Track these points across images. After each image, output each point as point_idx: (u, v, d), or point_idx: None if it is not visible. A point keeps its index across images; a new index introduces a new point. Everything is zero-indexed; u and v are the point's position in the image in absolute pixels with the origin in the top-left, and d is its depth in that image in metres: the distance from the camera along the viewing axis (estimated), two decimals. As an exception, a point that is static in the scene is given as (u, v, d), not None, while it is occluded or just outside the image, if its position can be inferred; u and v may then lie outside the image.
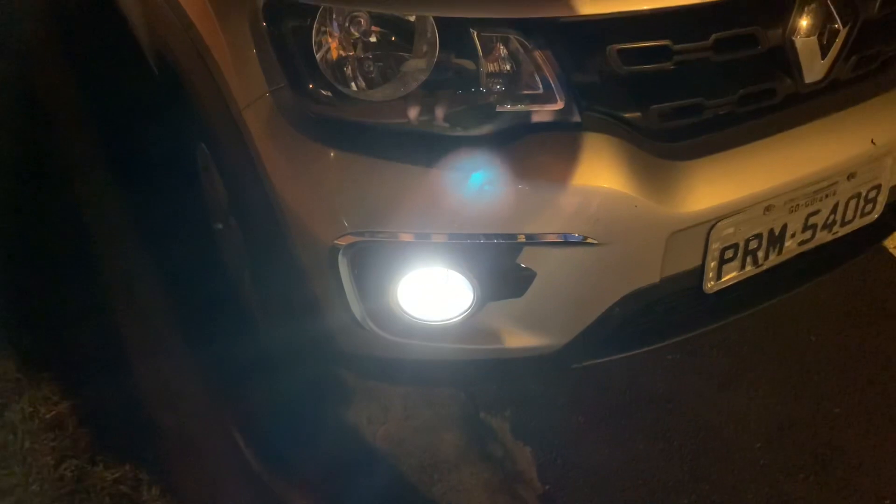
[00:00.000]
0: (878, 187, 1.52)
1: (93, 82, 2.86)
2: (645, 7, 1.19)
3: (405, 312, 1.32)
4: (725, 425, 1.76)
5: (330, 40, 1.23)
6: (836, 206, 1.48)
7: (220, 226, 1.83)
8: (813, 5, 1.29)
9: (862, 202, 1.52)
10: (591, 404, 1.79)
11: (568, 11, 1.18)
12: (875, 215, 1.56)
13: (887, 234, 1.69)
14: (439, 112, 1.24)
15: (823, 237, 1.51)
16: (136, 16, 2.08)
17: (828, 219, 1.49)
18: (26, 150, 2.56)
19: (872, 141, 1.43)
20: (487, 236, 1.25)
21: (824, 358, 1.89)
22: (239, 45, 1.28)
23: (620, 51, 1.22)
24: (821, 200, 1.45)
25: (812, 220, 1.47)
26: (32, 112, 2.77)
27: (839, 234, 1.54)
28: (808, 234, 1.48)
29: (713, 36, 1.25)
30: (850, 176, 1.45)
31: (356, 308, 1.33)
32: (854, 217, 1.53)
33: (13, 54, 3.01)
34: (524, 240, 1.26)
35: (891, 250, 2.22)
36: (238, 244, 1.63)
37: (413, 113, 1.24)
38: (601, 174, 1.24)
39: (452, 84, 1.24)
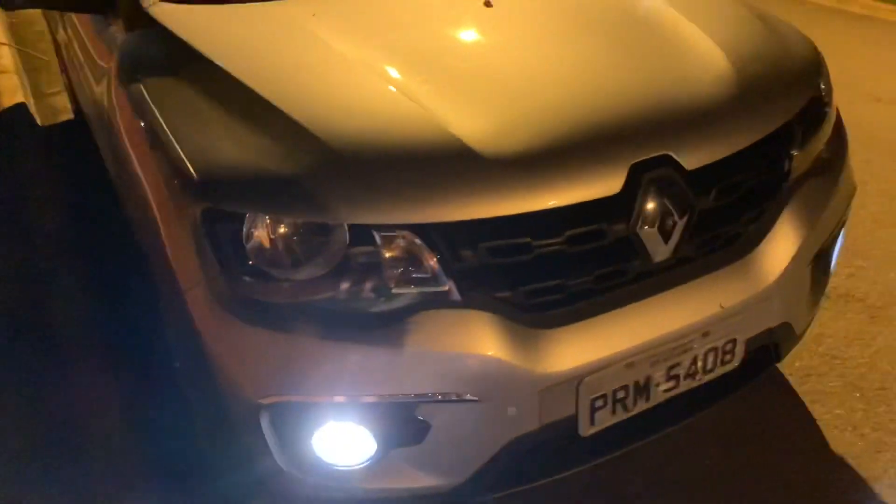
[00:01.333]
0: (733, 341, 1.77)
1: (83, 219, 3.19)
2: (502, 213, 1.48)
3: (320, 459, 1.57)
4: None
5: (257, 235, 1.51)
6: (695, 359, 1.73)
7: (177, 364, 2.08)
8: (653, 203, 1.58)
9: (720, 354, 1.77)
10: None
11: (444, 218, 1.47)
12: (735, 363, 1.81)
13: (752, 377, 1.92)
14: (348, 292, 1.51)
15: (688, 384, 1.76)
16: (117, 183, 2.37)
17: (689, 369, 1.73)
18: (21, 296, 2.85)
19: (721, 305, 1.70)
20: (385, 397, 1.50)
21: (715, 484, 2.11)
22: (182, 239, 1.56)
23: (489, 247, 1.50)
24: (679, 355, 1.70)
25: (674, 372, 1.71)
26: (29, 258, 3.08)
27: (704, 381, 1.79)
28: (672, 383, 1.73)
29: (566, 233, 1.54)
30: (705, 334, 1.71)
31: (278, 456, 1.57)
32: (715, 366, 1.78)
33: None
34: (417, 399, 1.51)
35: (786, 377, 2.48)
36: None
37: (326, 293, 1.51)
38: (479, 343, 1.50)
39: (359, 270, 1.51)
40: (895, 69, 5.48)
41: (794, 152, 1.86)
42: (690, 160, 1.62)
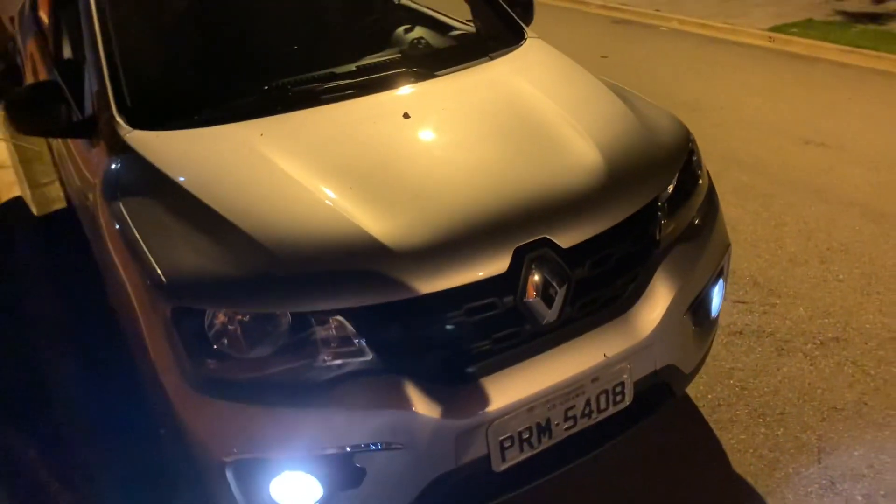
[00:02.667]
0: (622, 384, 2.13)
1: (78, 302, 3.55)
2: (411, 296, 1.84)
3: (277, 503, 1.91)
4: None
5: (217, 325, 1.88)
6: (588, 401, 2.08)
7: (163, 431, 2.43)
8: (536, 277, 1.96)
9: (611, 395, 2.12)
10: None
11: (364, 303, 1.85)
12: (627, 402, 2.16)
13: (648, 413, 2.27)
14: (292, 367, 1.88)
15: (585, 423, 2.11)
16: (104, 277, 2.74)
17: (584, 410, 2.09)
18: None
19: (605, 355, 2.06)
20: (327, 450, 1.86)
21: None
22: (157, 331, 1.92)
23: (403, 322, 1.87)
24: (573, 399, 2.05)
25: (571, 413, 2.07)
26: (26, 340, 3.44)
27: (600, 419, 2.14)
28: (571, 422, 2.08)
29: (465, 306, 1.91)
30: (594, 380, 2.07)
31: (242, 502, 1.91)
32: (608, 406, 2.13)
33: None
34: (353, 450, 1.86)
35: (699, 408, 2.82)
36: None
37: (274, 368, 1.87)
38: (400, 401, 1.86)
39: (300, 348, 1.88)
40: (829, 110, 5.88)
41: (664, 222, 2.24)
42: (565, 240, 2.00)
